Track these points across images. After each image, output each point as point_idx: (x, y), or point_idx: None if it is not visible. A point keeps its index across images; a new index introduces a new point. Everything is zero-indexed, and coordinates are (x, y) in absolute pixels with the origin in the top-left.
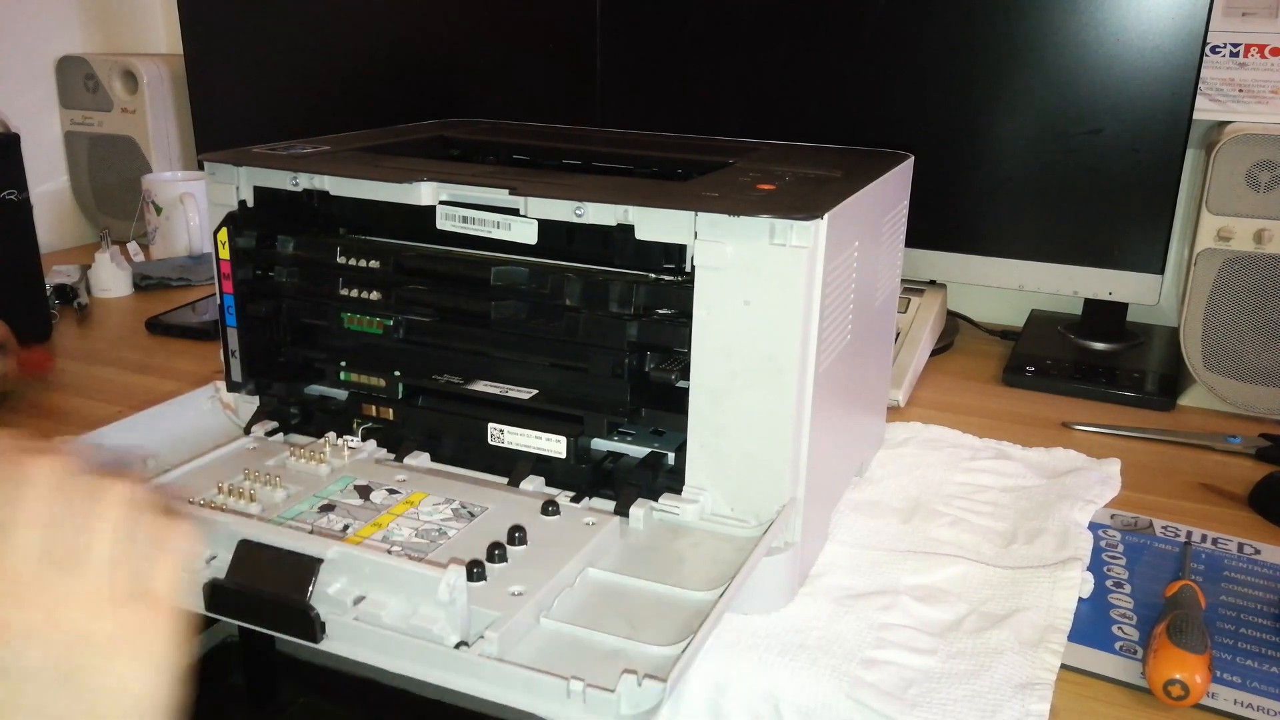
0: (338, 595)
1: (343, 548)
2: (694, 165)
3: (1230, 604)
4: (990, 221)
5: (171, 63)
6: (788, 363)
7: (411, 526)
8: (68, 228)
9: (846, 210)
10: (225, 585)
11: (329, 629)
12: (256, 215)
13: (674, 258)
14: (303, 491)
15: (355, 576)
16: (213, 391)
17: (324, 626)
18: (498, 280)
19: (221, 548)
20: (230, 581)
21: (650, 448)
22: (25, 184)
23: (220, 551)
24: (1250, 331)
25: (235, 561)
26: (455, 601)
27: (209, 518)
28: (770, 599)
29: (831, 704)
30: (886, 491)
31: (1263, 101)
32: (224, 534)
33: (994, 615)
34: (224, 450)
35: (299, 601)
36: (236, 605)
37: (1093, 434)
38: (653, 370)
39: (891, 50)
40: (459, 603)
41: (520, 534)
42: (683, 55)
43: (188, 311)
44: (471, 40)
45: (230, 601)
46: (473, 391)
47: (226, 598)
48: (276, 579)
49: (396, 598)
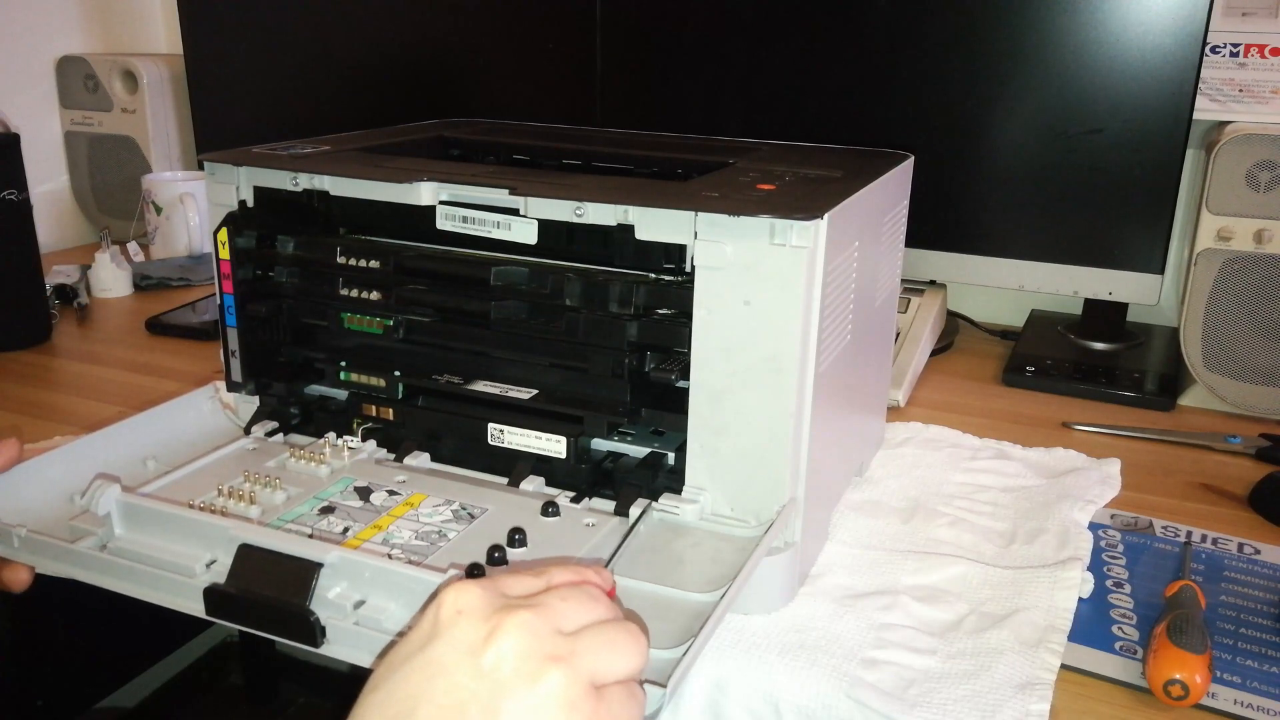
0: (338, 599)
1: (342, 552)
2: (694, 165)
3: (1230, 604)
4: (990, 221)
5: (171, 63)
6: (788, 363)
7: (411, 529)
8: (68, 228)
9: (846, 210)
10: (225, 590)
11: (329, 633)
12: (256, 215)
13: (674, 258)
14: (303, 494)
15: (355, 581)
16: (213, 392)
17: (324, 631)
18: (498, 280)
19: (221, 552)
20: (230, 586)
21: (650, 448)
22: (25, 184)
23: (220, 556)
24: (1250, 331)
25: (235, 566)
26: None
27: (209, 522)
28: (770, 599)
29: (832, 704)
30: (886, 491)
31: (1263, 101)
32: (224, 538)
33: (994, 615)
34: (224, 451)
35: (299, 606)
36: (236, 610)
37: (1093, 434)
38: (653, 370)
39: (891, 50)
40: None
41: (520, 536)
42: (683, 55)
43: (188, 311)
44: (471, 40)
45: (230, 606)
46: (473, 391)
47: (226, 602)
48: (276, 584)
49: (397, 602)
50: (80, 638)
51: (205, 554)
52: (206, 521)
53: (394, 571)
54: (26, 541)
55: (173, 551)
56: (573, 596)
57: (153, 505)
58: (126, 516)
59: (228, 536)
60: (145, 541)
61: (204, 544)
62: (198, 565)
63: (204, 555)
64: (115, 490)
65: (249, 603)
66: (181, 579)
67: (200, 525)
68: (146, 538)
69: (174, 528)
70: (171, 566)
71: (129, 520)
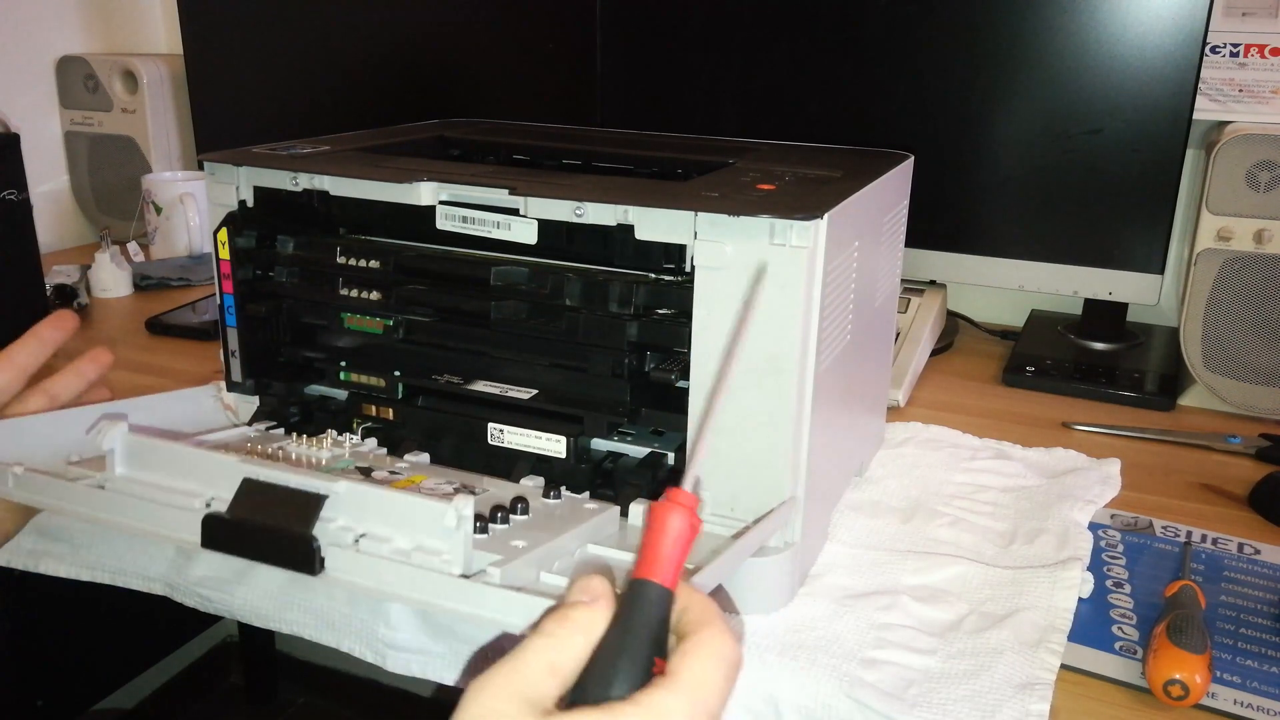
0: (339, 531)
1: (348, 484)
2: (694, 165)
3: (1230, 604)
4: (990, 221)
5: (171, 63)
6: (788, 363)
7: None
8: (68, 228)
9: (847, 210)
10: (224, 518)
11: (329, 561)
12: (256, 215)
13: (674, 258)
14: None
15: (359, 514)
16: (214, 391)
17: (324, 560)
18: (498, 280)
19: (224, 489)
20: (230, 515)
21: (650, 448)
22: (25, 184)
23: (222, 493)
24: (1250, 331)
25: (237, 498)
26: (461, 529)
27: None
28: (770, 599)
29: (831, 704)
30: (886, 491)
31: (1263, 101)
32: (227, 474)
33: (994, 615)
34: (225, 434)
35: (300, 533)
36: (234, 538)
37: (1093, 434)
38: (653, 370)
39: (891, 50)
40: (465, 530)
41: (523, 505)
42: (683, 55)
43: (188, 311)
44: (471, 40)
45: (228, 535)
46: (473, 391)
47: (224, 531)
48: (279, 515)
49: (400, 533)
50: (80, 638)
51: (208, 491)
52: (210, 458)
53: (399, 499)
54: (22, 480)
55: (174, 489)
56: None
57: (157, 442)
58: (130, 453)
59: (232, 471)
60: (146, 480)
61: (207, 481)
62: (198, 501)
63: (206, 492)
64: (123, 427)
65: (248, 531)
66: (180, 511)
67: (204, 461)
68: (148, 475)
69: (177, 465)
70: (171, 501)
71: (132, 457)
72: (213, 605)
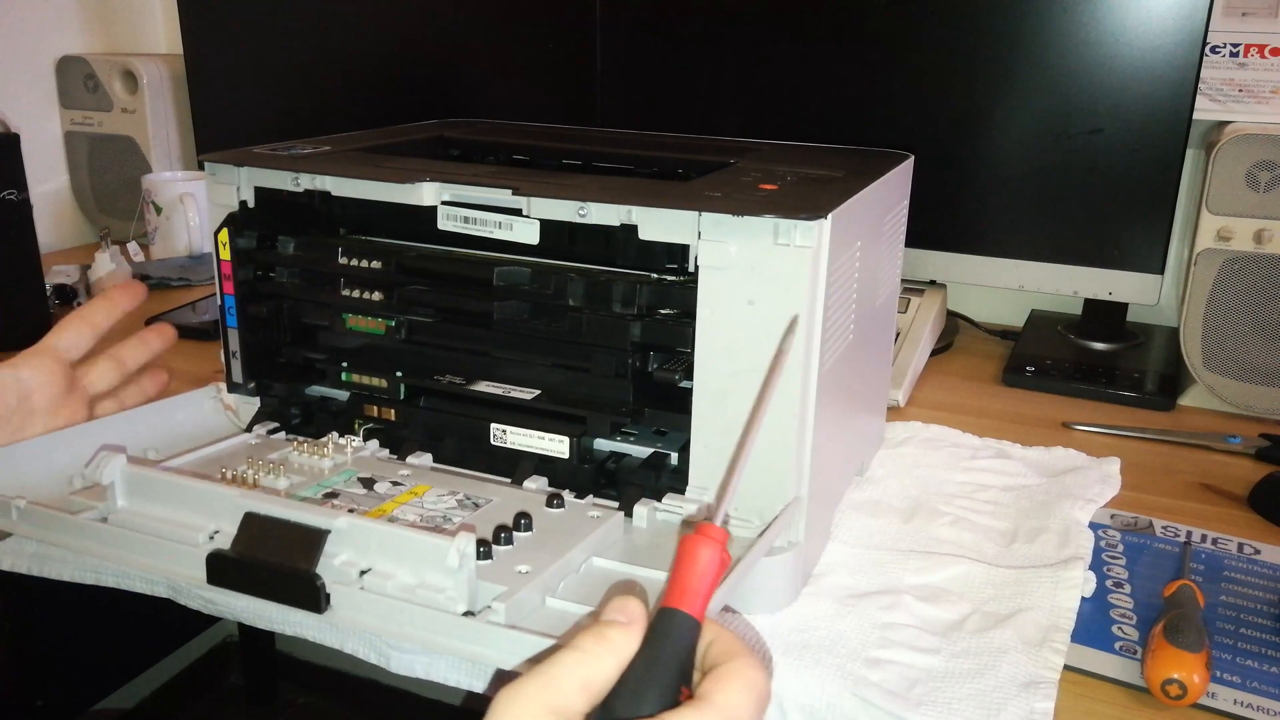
0: (343, 567)
1: (351, 519)
2: (695, 165)
3: (1230, 604)
4: (990, 221)
5: (171, 63)
6: (791, 363)
7: (416, 513)
8: (68, 228)
9: (849, 210)
10: (228, 555)
11: (334, 599)
12: (257, 216)
13: (677, 258)
14: (305, 481)
15: (362, 549)
16: (215, 392)
17: (329, 597)
18: (500, 280)
19: (226, 522)
20: (233, 552)
21: (653, 448)
22: (25, 184)
23: (224, 526)
24: (1250, 331)
25: (240, 533)
26: (464, 568)
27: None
28: (774, 599)
29: (836, 703)
30: (887, 491)
31: (1263, 101)
32: (229, 508)
33: (997, 615)
34: (226, 443)
35: (305, 571)
36: (239, 576)
37: (1093, 434)
38: (656, 370)
39: (891, 50)
40: (468, 569)
41: (526, 520)
42: (683, 55)
43: (188, 311)
44: (471, 40)
45: (233, 573)
46: (475, 392)
47: (229, 569)
48: (282, 550)
49: (403, 569)
50: (80, 638)
51: (209, 524)
52: (211, 491)
53: (402, 536)
54: (25, 513)
55: (176, 522)
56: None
57: (157, 475)
58: (130, 486)
59: (233, 505)
60: (148, 512)
61: (208, 515)
62: (201, 535)
63: (208, 525)
64: (121, 460)
65: (253, 569)
66: (184, 547)
67: (205, 494)
68: (149, 508)
69: (178, 498)
70: (174, 536)
71: (132, 490)
72: (217, 608)
